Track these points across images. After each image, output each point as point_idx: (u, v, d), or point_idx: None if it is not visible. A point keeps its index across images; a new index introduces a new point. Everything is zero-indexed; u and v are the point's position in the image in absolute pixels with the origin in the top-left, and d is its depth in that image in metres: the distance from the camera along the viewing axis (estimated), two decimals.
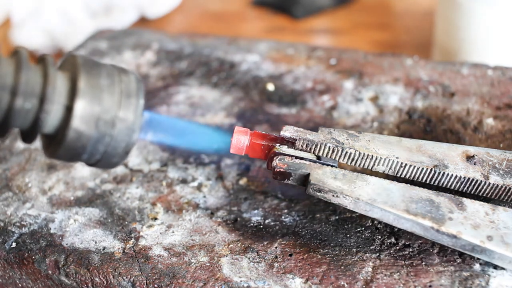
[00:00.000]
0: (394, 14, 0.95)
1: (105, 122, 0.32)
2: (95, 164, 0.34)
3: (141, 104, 0.33)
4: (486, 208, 0.37)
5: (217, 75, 0.60)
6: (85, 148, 0.32)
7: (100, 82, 0.32)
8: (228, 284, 0.38)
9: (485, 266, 0.37)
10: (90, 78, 0.32)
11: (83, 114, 0.31)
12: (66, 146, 0.32)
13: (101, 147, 0.32)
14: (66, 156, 0.33)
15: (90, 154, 0.33)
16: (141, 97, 0.33)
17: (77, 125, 0.31)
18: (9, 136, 0.53)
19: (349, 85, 0.56)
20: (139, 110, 0.33)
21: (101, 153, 0.33)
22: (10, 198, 0.47)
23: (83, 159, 0.33)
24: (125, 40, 0.68)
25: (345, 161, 0.40)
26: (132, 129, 0.33)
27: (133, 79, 0.34)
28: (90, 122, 0.31)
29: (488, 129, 0.48)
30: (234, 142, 0.40)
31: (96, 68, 0.33)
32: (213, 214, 0.44)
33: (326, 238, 0.41)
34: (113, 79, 0.33)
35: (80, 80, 0.31)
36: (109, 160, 0.34)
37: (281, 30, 0.92)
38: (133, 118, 0.33)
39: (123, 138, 0.33)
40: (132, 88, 0.33)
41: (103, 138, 0.32)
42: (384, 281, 0.37)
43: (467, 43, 0.68)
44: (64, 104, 0.31)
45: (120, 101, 0.32)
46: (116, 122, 0.32)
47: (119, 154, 0.33)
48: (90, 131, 0.31)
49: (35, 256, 0.41)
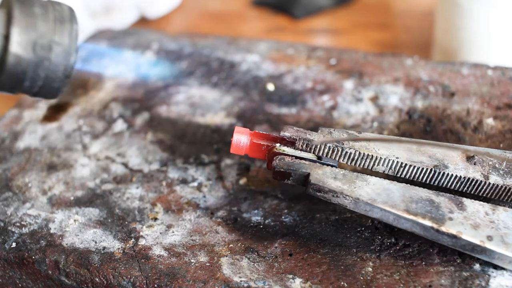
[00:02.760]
0: (394, 14, 0.95)
1: (42, 46, 0.34)
2: (39, 93, 0.36)
3: (75, 29, 0.36)
4: (486, 208, 0.37)
5: (217, 75, 0.60)
6: (25, 74, 0.34)
7: (34, 10, 0.34)
8: (228, 284, 0.38)
9: (485, 266, 0.37)
10: (24, 8, 0.34)
11: (20, 40, 0.34)
12: (7, 72, 0.34)
13: (41, 72, 0.35)
14: (9, 85, 0.35)
15: (31, 81, 0.35)
16: (75, 23, 0.36)
17: (16, 50, 0.34)
18: (9, 136, 0.54)
19: (349, 85, 0.56)
20: (73, 34, 0.36)
21: (42, 79, 0.35)
22: (10, 198, 0.47)
23: (25, 87, 0.35)
24: (125, 40, 0.68)
25: (345, 161, 0.40)
26: (69, 52, 0.35)
27: (65, 7, 0.36)
28: (27, 47, 0.34)
29: (488, 129, 0.48)
30: (234, 142, 0.40)
31: (29, 0, 0.35)
32: (213, 214, 0.44)
33: (326, 238, 0.41)
34: (47, 8, 0.35)
35: (14, 10, 0.34)
36: (50, 85, 0.36)
37: (281, 30, 0.92)
38: (69, 42, 0.35)
39: (61, 61, 0.35)
40: (66, 15, 0.36)
41: (42, 63, 0.35)
42: (384, 281, 0.37)
43: (467, 43, 0.68)
44: (1, 34, 0.34)
45: (55, 27, 0.35)
46: (53, 46, 0.35)
47: (60, 78, 0.36)
48: (29, 56, 0.34)
49: (35, 256, 0.41)
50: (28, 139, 0.53)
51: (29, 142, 0.53)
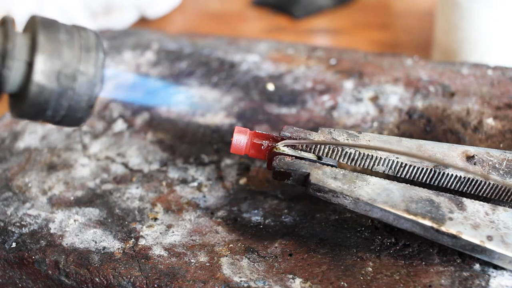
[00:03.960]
0: (394, 14, 0.95)
1: (66, 76, 0.33)
2: (61, 122, 0.35)
3: (101, 58, 0.34)
4: (486, 208, 0.37)
5: (217, 75, 0.60)
6: (48, 103, 0.33)
7: (59, 37, 0.33)
8: (228, 284, 0.38)
9: (485, 266, 0.37)
10: (49, 34, 0.33)
11: (44, 68, 0.32)
12: (30, 101, 0.32)
13: (64, 102, 0.33)
14: (31, 113, 0.33)
15: (54, 110, 0.33)
16: (101, 51, 0.34)
17: (39, 79, 0.32)
18: (9, 136, 0.54)
19: (349, 85, 0.56)
20: (99, 64, 0.34)
21: (65, 108, 0.34)
22: (10, 198, 0.47)
23: (47, 115, 0.34)
24: (125, 40, 0.68)
25: (345, 161, 0.40)
26: (94, 83, 0.34)
27: (92, 34, 0.35)
28: (51, 76, 0.32)
29: (488, 129, 0.48)
30: (234, 142, 0.40)
31: (55, 25, 0.33)
32: (213, 214, 0.44)
33: (326, 238, 0.41)
34: (72, 35, 0.34)
35: (39, 36, 0.32)
36: (73, 115, 0.34)
37: (281, 30, 0.92)
38: (94, 72, 0.34)
39: (85, 92, 0.34)
40: (92, 42, 0.34)
41: (66, 92, 0.33)
42: (384, 281, 0.37)
43: (467, 43, 0.68)
44: (25, 60, 0.32)
45: (80, 55, 0.33)
46: (77, 76, 0.33)
47: (83, 108, 0.34)
48: (52, 85, 0.32)
49: (35, 256, 0.41)
50: (28, 139, 0.53)
51: (29, 142, 0.53)
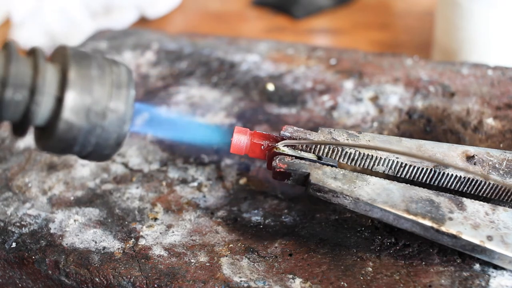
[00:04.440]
0: (394, 14, 0.95)
1: (96, 113, 0.32)
2: (87, 157, 0.34)
3: (132, 95, 0.33)
4: (486, 208, 0.37)
5: (217, 75, 0.60)
6: (76, 140, 0.32)
7: (91, 72, 0.32)
8: (228, 284, 0.38)
9: (485, 266, 0.37)
10: (81, 69, 0.32)
11: (73, 105, 0.31)
12: (57, 138, 0.32)
13: (92, 139, 0.32)
14: (58, 148, 0.33)
15: (81, 146, 0.33)
16: (132, 88, 0.33)
17: (68, 116, 0.31)
18: (9, 136, 0.53)
19: (349, 85, 0.56)
20: (130, 101, 0.33)
21: (92, 145, 0.33)
22: (10, 198, 0.47)
23: (74, 151, 0.33)
24: (125, 40, 0.68)
25: (345, 161, 0.40)
26: (124, 120, 0.33)
27: (123, 70, 0.34)
28: (81, 113, 0.31)
29: (488, 129, 0.48)
30: (234, 142, 0.40)
31: (86, 59, 0.32)
32: (213, 214, 0.44)
33: (326, 238, 0.41)
34: (104, 70, 0.33)
35: (70, 71, 0.31)
36: (101, 152, 0.34)
37: (281, 30, 0.92)
38: (124, 109, 0.33)
39: (114, 129, 0.33)
40: (123, 79, 0.33)
41: (94, 130, 0.32)
42: (384, 281, 0.37)
43: (467, 43, 0.68)
44: (54, 95, 0.31)
45: (111, 92, 0.32)
46: (107, 113, 0.32)
47: (111, 145, 0.33)
48: (81, 122, 0.31)
49: (35, 256, 0.41)
50: (28, 139, 0.53)
51: (29, 142, 0.53)
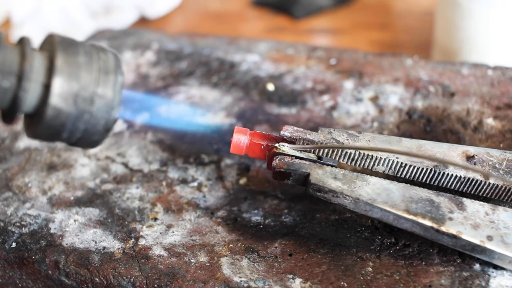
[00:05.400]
0: (394, 14, 0.95)
1: (83, 99, 0.32)
2: (77, 143, 0.34)
3: (119, 81, 0.33)
4: (486, 208, 0.37)
5: (217, 75, 0.60)
6: (64, 126, 0.32)
7: (78, 59, 0.32)
8: (228, 284, 0.38)
9: (485, 266, 0.37)
10: (68, 56, 0.32)
11: (61, 91, 0.31)
12: (46, 124, 0.32)
13: (80, 125, 0.33)
14: (46, 135, 0.33)
15: (70, 132, 0.33)
16: (120, 74, 0.34)
17: (56, 102, 0.31)
18: (9, 136, 0.53)
19: (349, 85, 0.56)
20: (117, 87, 0.33)
21: (81, 131, 0.33)
22: (10, 198, 0.47)
23: (63, 137, 0.33)
24: (125, 40, 0.68)
25: (345, 161, 0.40)
26: (112, 106, 0.33)
27: (111, 56, 0.34)
28: (68, 99, 0.32)
29: (488, 129, 0.48)
30: (234, 142, 0.40)
31: (73, 46, 0.33)
32: (213, 214, 0.44)
33: (326, 238, 0.41)
34: (91, 57, 0.33)
35: (57, 58, 0.32)
36: (89, 138, 0.34)
37: (281, 30, 0.92)
38: (112, 95, 0.33)
39: (102, 115, 0.33)
40: (111, 65, 0.33)
41: (82, 115, 0.32)
42: (384, 281, 0.37)
43: (467, 43, 0.68)
44: (42, 82, 0.31)
45: (99, 78, 0.33)
46: (95, 99, 0.32)
47: (99, 131, 0.34)
48: (69, 108, 0.32)
49: (35, 256, 0.41)
50: (28, 139, 0.53)
51: (29, 142, 0.53)
